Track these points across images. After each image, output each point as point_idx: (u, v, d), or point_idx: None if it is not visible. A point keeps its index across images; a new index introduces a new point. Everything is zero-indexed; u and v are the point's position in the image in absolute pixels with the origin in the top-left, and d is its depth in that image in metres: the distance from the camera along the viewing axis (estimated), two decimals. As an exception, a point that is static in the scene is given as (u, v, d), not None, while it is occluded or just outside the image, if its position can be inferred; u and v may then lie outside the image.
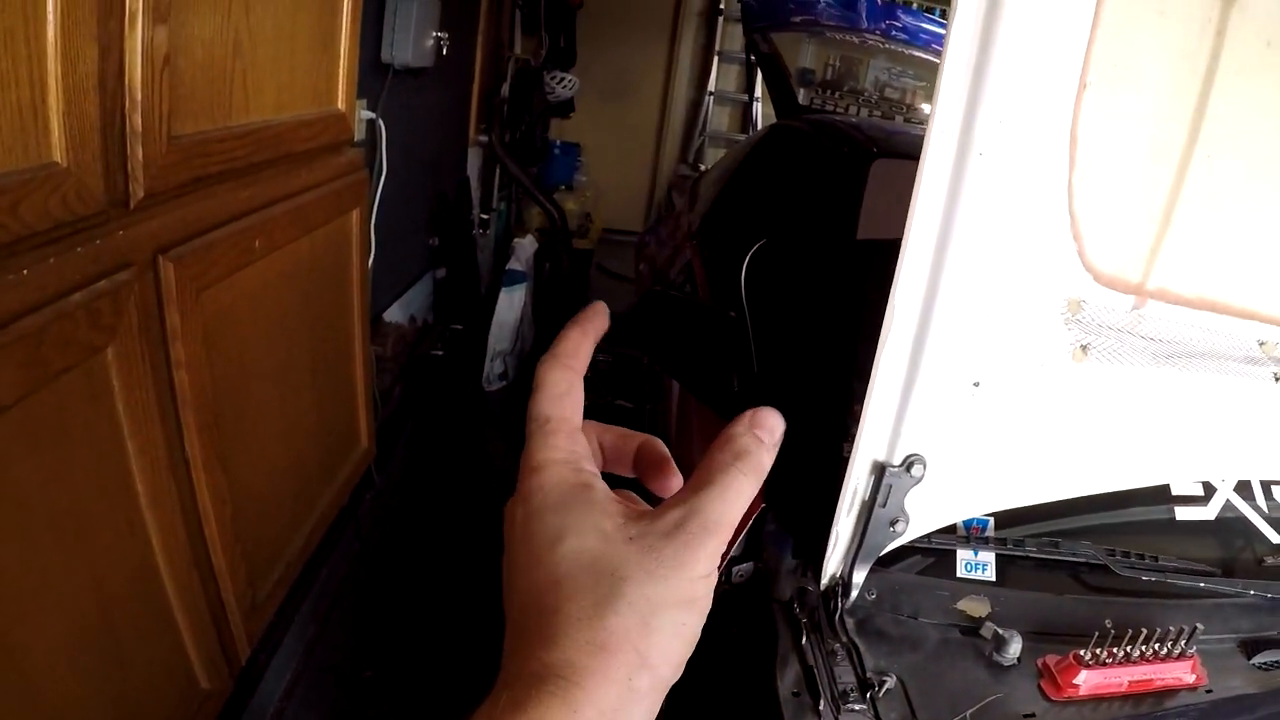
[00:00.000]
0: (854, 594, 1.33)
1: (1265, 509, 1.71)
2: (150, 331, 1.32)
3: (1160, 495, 1.66)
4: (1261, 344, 1.42)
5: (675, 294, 1.57)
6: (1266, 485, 1.73)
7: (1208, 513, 1.67)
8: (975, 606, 1.40)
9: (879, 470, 1.23)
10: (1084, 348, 1.28)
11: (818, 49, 6.67)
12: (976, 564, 1.48)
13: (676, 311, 1.77)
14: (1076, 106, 1.09)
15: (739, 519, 0.45)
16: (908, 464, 1.23)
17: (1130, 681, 1.28)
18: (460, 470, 3.77)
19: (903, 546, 1.37)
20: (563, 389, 0.50)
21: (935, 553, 1.48)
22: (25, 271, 1.02)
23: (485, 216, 4.88)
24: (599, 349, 0.54)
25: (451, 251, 4.11)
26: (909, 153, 2.29)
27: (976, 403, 1.25)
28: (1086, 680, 1.26)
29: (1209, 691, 1.31)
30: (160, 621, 1.49)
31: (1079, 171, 1.14)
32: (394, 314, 3.54)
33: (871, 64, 6.49)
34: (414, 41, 2.91)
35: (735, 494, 0.45)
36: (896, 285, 1.10)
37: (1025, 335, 1.23)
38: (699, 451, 1.57)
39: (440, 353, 3.65)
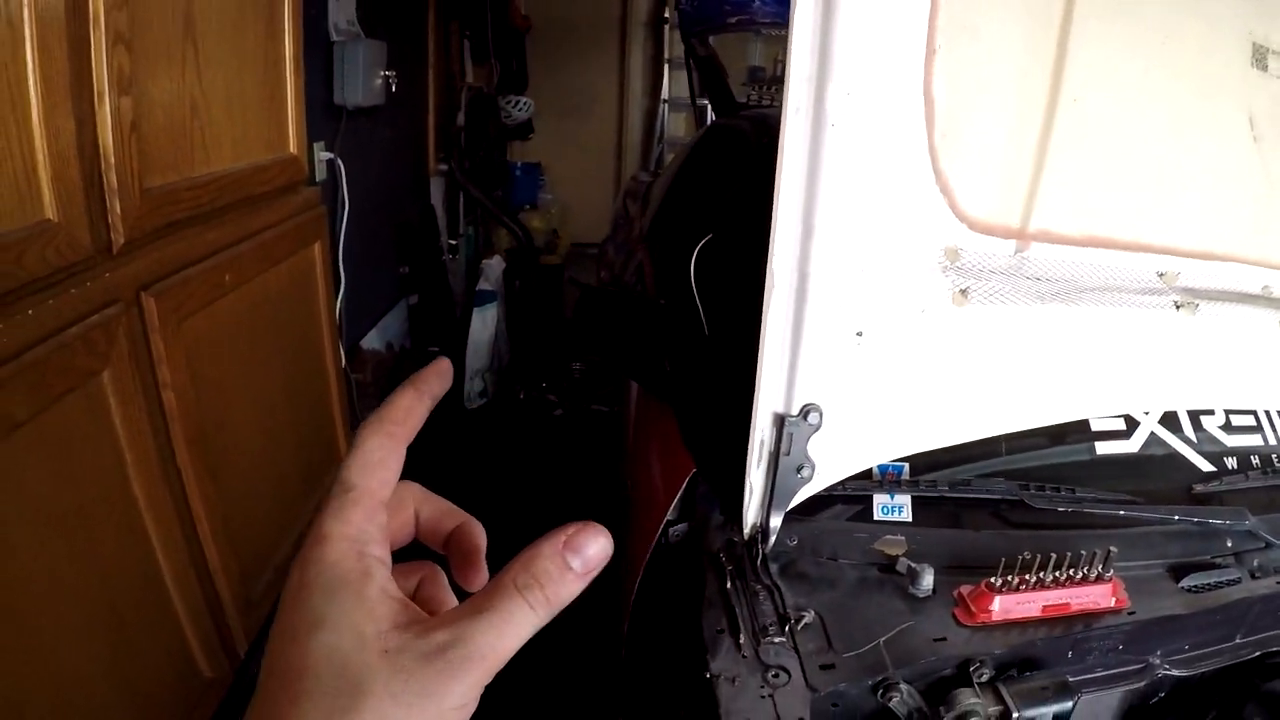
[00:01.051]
0: (772, 539, 1.37)
1: (1195, 440, 1.74)
2: (139, 357, 1.53)
3: (1081, 433, 1.69)
4: (1161, 275, 1.47)
5: (610, 290, 1.74)
6: (1195, 417, 1.77)
7: (1130, 445, 1.70)
8: (892, 546, 1.43)
9: (779, 421, 1.31)
10: (963, 291, 1.33)
11: (765, 47, 6.75)
12: (892, 507, 1.52)
13: (611, 306, 1.94)
14: (928, 71, 1.17)
15: (513, 651, 0.41)
16: (804, 413, 1.31)
17: (1045, 606, 1.30)
18: (444, 486, 3.90)
19: (826, 496, 1.43)
20: (377, 457, 0.47)
21: (857, 500, 1.52)
22: (30, 312, 1.24)
23: (453, 242, 5.06)
24: (572, 360, 0.52)
25: (422, 278, 4.30)
26: None
27: (863, 351, 1.31)
28: (1000, 605, 1.28)
29: (1131, 614, 1.32)
30: (163, 614, 1.67)
31: (939, 130, 1.22)
32: (372, 342, 3.74)
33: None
34: (363, 83, 3.11)
35: (514, 627, 0.41)
36: (772, 249, 1.19)
37: (903, 284, 1.29)
38: (655, 457, 1.75)
39: (419, 374, 3.81)
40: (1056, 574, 1.29)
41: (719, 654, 1.22)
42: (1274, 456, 1.78)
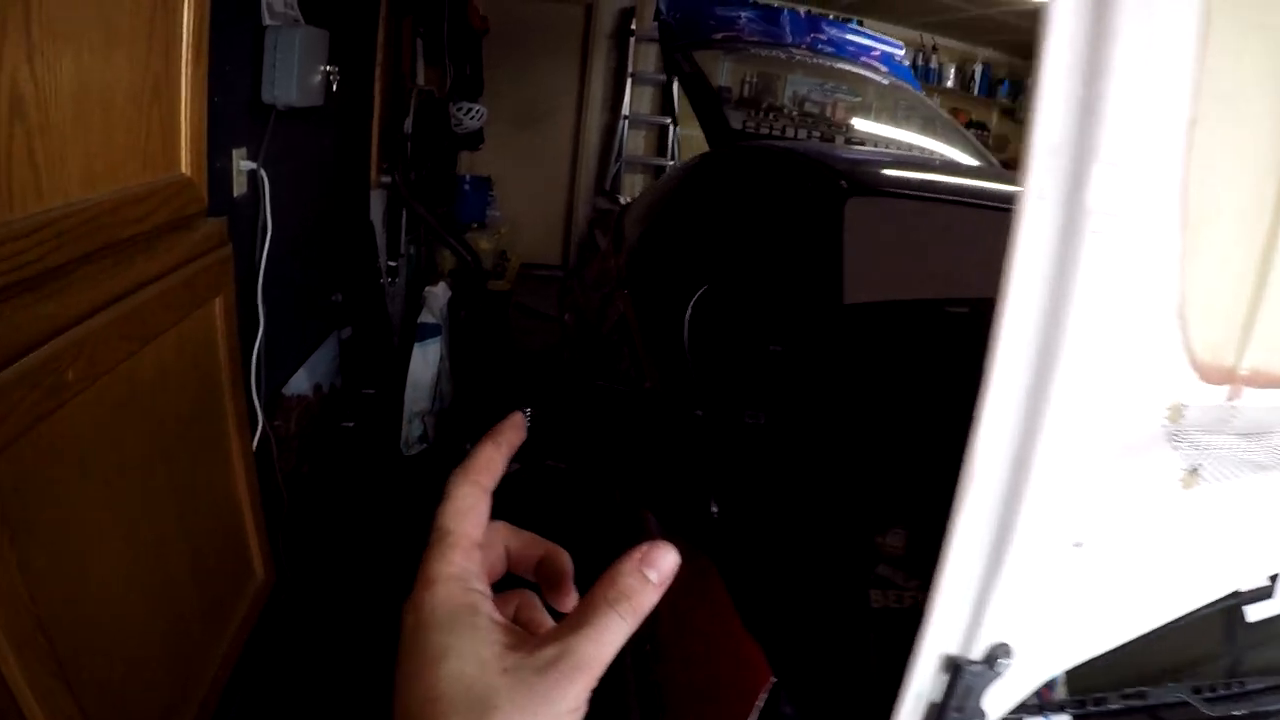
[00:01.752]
0: None
1: None
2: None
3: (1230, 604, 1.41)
4: None
5: (622, 389, 1.16)
6: None
7: (1276, 604, 1.43)
8: None
9: (953, 668, 0.91)
10: (1193, 471, 0.95)
11: (734, 66, 6.49)
12: None
13: (626, 412, 1.36)
14: (1187, 150, 0.77)
15: (612, 657, 0.45)
16: (991, 658, 0.91)
17: None
18: (383, 550, 3.37)
19: None
20: (468, 504, 0.50)
21: None
22: None
23: (393, 264, 4.49)
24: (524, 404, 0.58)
25: (357, 307, 3.72)
26: (882, 186, 1.98)
27: (1075, 565, 0.92)
28: None
29: None
30: None
31: (1190, 232, 0.82)
32: (298, 384, 3.14)
33: (789, 79, 6.32)
34: (299, 78, 2.53)
35: (610, 635, 0.45)
36: (979, 433, 0.77)
37: (1129, 464, 0.90)
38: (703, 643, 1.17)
39: (351, 424, 3.24)
40: None
41: None
42: None
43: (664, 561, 0.47)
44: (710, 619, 1.28)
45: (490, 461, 0.53)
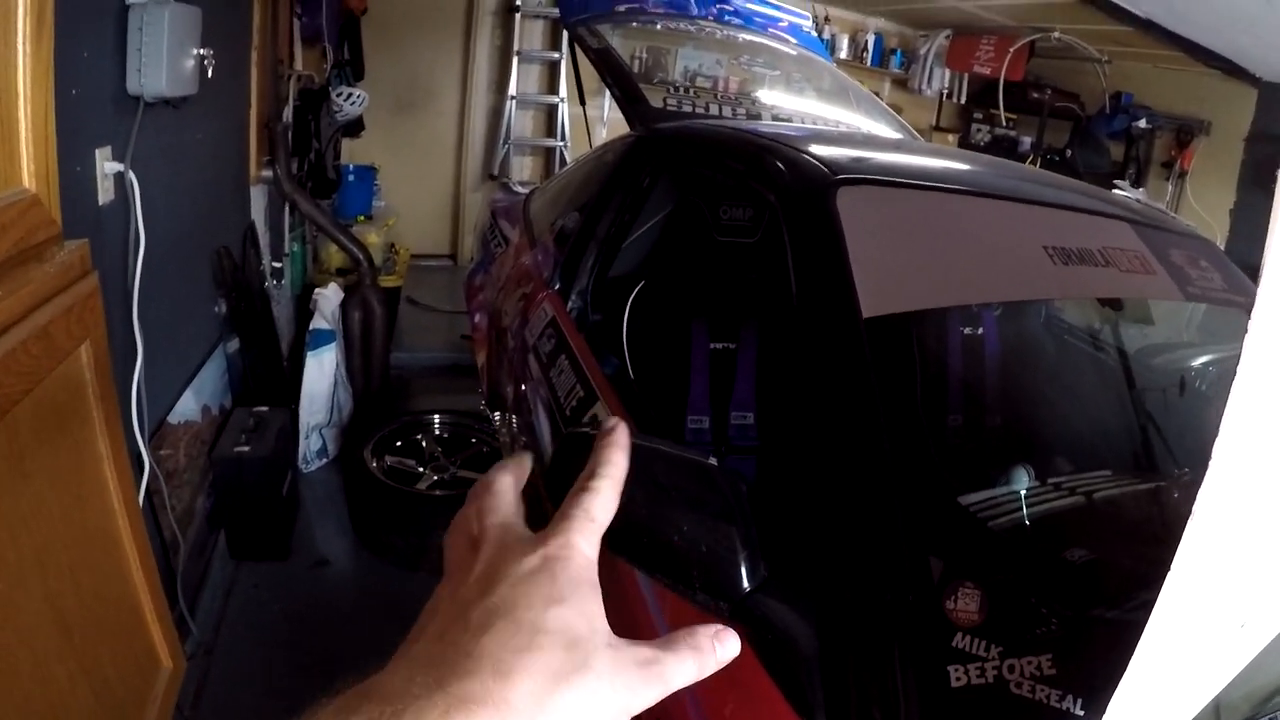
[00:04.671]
0: None
1: None
2: None
3: None
4: None
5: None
6: None
7: None
8: None
9: None
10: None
11: (623, 41, 6.23)
12: None
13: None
14: None
15: (678, 687, 0.48)
16: None
17: None
18: (295, 585, 3.08)
19: None
20: (611, 503, 0.55)
21: None
22: None
23: (278, 265, 4.14)
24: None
25: (243, 315, 3.37)
26: (868, 174, 1.78)
27: (1237, 647, 0.76)
28: None
29: None
30: None
31: None
32: (186, 409, 2.80)
33: (680, 53, 6.14)
34: (169, 64, 2.19)
35: (684, 669, 0.49)
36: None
37: None
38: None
39: (246, 448, 2.92)
40: None
41: None
42: None
43: (730, 646, 0.51)
44: (755, 709, 1.06)
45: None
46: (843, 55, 7.29)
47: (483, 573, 0.49)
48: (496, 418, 2.76)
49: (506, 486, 0.57)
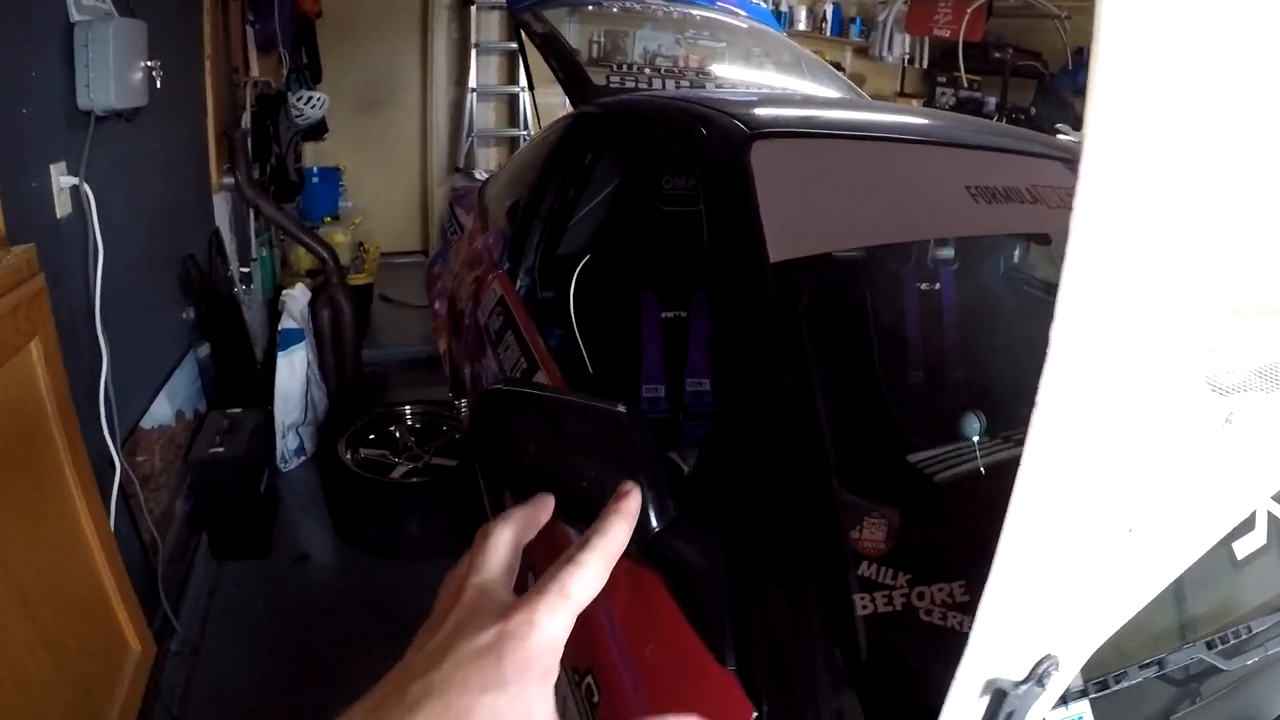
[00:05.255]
0: None
1: None
2: None
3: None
4: None
5: (530, 390, 0.99)
6: None
7: (1258, 537, 1.42)
8: None
9: (998, 694, 0.77)
10: (1228, 419, 0.84)
11: (580, 27, 6.29)
12: None
13: (538, 416, 1.14)
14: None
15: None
16: (1039, 675, 0.78)
17: None
18: (277, 581, 3.15)
19: None
20: (598, 580, 0.53)
21: None
22: None
23: (245, 270, 4.19)
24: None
25: (212, 322, 3.43)
26: (787, 127, 1.84)
27: (1126, 553, 0.82)
28: None
29: None
30: None
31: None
32: (160, 413, 2.86)
33: (638, 35, 6.19)
34: (117, 76, 2.25)
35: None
36: (1037, 422, 0.63)
37: (1166, 415, 0.79)
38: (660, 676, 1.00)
39: (221, 449, 2.98)
40: None
41: None
42: None
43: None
44: (669, 650, 1.12)
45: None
46: (801, 27, 7.34)
47: (440, 642, 0.48)
48: (460, 404, 2.83)
49: (502, 543, 0.55)
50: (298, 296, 3.98)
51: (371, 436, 3.68)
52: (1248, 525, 1.41)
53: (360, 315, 4.54)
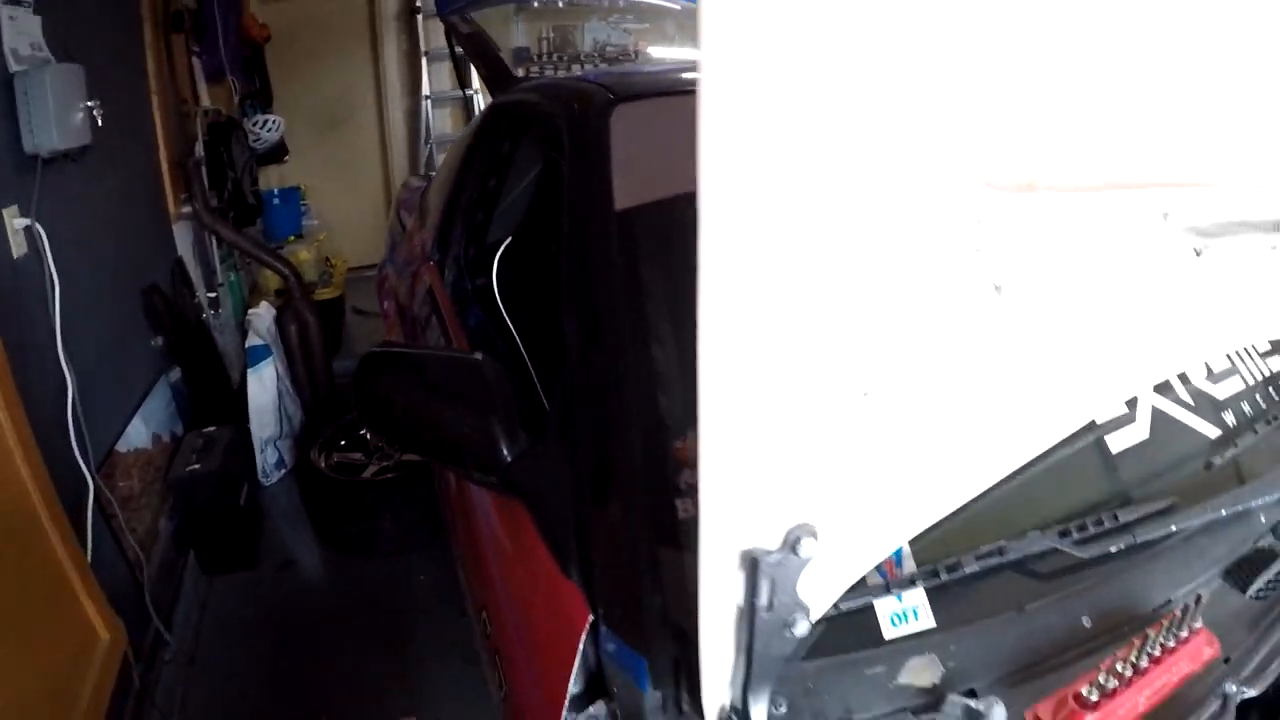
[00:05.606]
0: None
1: (1192, 402, 1.51)
2: None
3: (1085, 433, 1.38)
4: (1166, 215, 1.16)
5: (399, 349, 1.13)
6: (1183, 377, 1.54)
7: (1140, 430, 1.44)
8: (923, 673, 1.05)
9: (751, 564, 0.82)
10: (997, 288, 0.93)
11: (529, 25, 6.44)
12: (905, 612, 1.11)
13: (407, 372, 1.28)
14: None
15: None
16: (793, 543, 0.82)
17: (1148, 697, 1.03)
18: (265, 590, 3.28)
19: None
20: None
21: (851, 618, 1.09)
22: None
23: (213, 295, 4.31)
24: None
25: (181, 347, 3.55)
26: (653, 92, 1.96)
27: (868, 417, 0.86)
28: None
29: (1227, 660, 1.12)
30: None
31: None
32: (137, 436, 2.99)
33: (586, 27, 6.30)
34: (58, 120, 2.37)
35: None
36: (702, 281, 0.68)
37: (919, 288, 0.86)
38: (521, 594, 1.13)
39: (198, 466, 3.11)
40: (1151, 652, 1.03)
41: None
42: (1258, 397, 1.59)
43: None
44: (529, 571, 1.24)
45: None
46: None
47: None
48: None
49: None
50: (263, 315, 4.09)
51: (343, 442, 3.79)
52: (1127, 419, 1.44)
53: (332, 328, 4.66)
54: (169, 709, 2.57)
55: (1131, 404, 1.45)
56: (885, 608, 1.10)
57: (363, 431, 3.85)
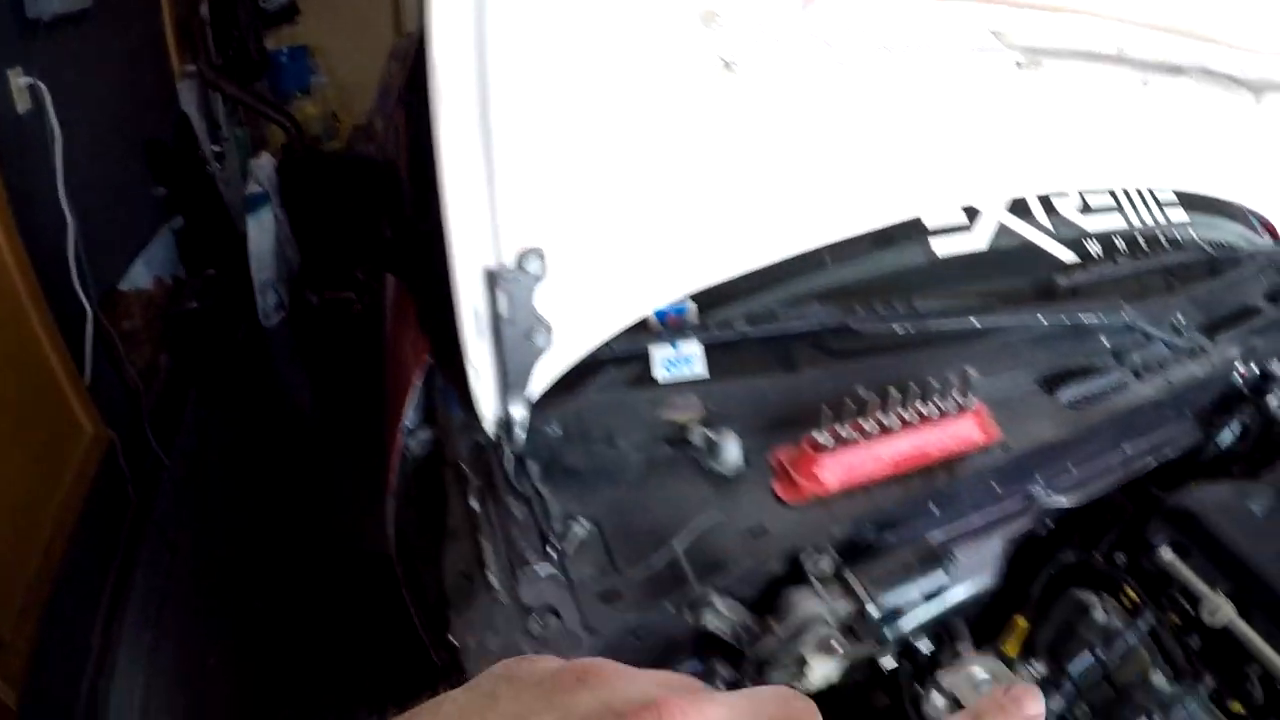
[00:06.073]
0: (519, 431, 1.08)
1: (1051, 226, 1.55)
2: None
3: (913, 233, 1.43)
4: (997, 33, 1.27)
5: (319, 152, 1.44)
6: (1046, 200, 1.58)
7: (975, 240, 1.47)
8: (682, 411, 1.14)
9: (490, 277, 0.99)
10: (727, 64, 1.06)
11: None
12: (679, 360, 1.21)
13: (321, 169, 1.56)
14: None
15: None
16: (522, 262, 0.99)
17: (896, 458, 1.07)
18: (265, 421, 3.67)
19: (592, 362, 1.16)
20: None
21: (631, 359, 1.22)
22: None
23: (218, 149, 4.57)
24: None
25: (184, 197, 3.85)
26: None
27: (598, 161, 1.02)
28: (832, 469, 1.04)
29: (1005, 447, 1.14)
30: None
31: None
32: (140, 278, 3.33)
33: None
34: (57, -17, 2.62)
35: None
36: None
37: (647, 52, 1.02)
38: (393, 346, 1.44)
39: (195, 304, 3.43)
40: (904, 413, 1.07)
41: (465, 606, 0.93)
42: (1140, 237, 1.63)
43: (1027, 700, 0.42)
44: (399, 321, 1.52)
45: None
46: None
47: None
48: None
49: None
50: (264, 164, 4.31)
51: (338, 282, 4.11)
52: (964, 228, 1.47)
53: (335, 181, 4.86)
54: (165, 523, 2.90)
55: (972, 215, 1.49)
56: (660, 353, 1.22)
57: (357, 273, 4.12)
